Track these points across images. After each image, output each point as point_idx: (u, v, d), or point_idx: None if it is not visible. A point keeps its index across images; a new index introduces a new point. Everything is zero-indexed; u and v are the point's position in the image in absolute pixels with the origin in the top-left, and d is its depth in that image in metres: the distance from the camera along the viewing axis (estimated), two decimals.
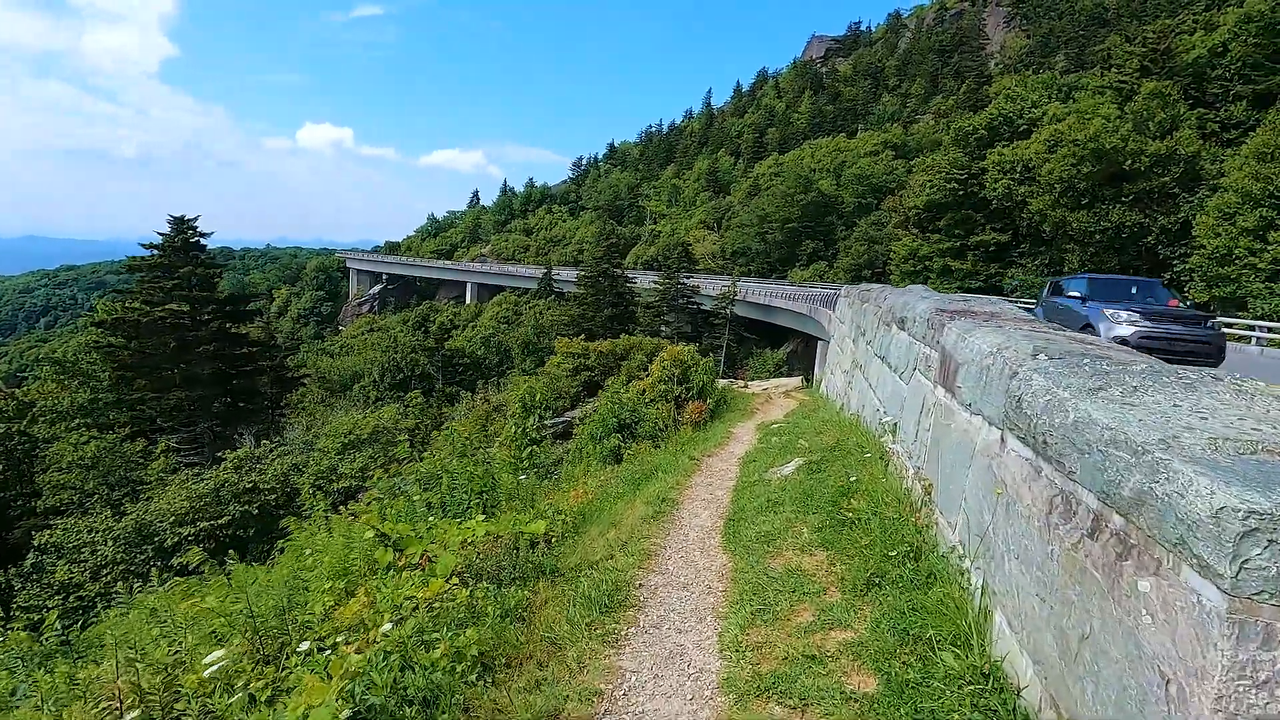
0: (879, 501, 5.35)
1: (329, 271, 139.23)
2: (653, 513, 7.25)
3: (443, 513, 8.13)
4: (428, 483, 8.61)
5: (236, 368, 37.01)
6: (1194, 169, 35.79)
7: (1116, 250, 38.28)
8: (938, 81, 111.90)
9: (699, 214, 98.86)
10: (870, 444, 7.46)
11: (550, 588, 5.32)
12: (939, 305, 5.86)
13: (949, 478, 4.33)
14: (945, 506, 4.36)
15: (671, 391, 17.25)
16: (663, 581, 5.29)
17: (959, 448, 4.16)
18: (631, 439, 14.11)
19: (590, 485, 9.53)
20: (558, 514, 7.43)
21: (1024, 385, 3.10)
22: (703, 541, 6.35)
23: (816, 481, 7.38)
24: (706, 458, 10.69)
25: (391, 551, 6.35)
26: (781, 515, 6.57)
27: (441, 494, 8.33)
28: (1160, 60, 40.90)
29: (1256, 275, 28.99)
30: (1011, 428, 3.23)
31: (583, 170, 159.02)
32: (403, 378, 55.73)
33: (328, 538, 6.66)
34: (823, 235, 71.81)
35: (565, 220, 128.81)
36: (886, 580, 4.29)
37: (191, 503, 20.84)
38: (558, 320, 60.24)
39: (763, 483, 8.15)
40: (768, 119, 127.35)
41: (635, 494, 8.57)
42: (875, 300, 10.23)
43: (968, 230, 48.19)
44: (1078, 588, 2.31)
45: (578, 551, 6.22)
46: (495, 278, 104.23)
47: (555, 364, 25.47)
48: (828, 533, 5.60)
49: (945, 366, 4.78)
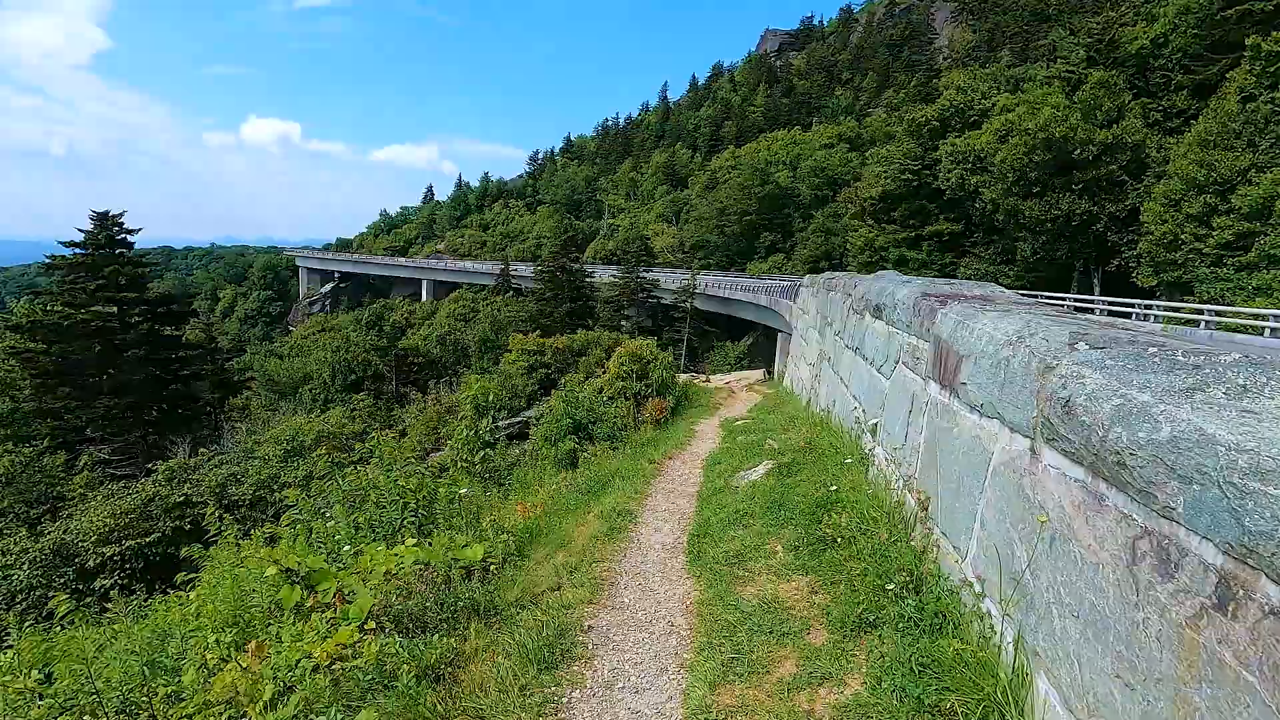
0: (864, 516, 4.64)
1: (277, 270, 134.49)
2: (608, 529, 6.44)
3: (371, 535, 7.19)
4: (354, 501, 7.64)
5: (172, 372, 34.91)
6: (1140, 157, 36.49)
7: (1067, 238, 38.88)
8: (889, 75, 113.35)
9: (657, 208, 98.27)
10: (847, 445, 6.78)
11: (484, 631, 4.47)
12: (924, 290, 5.17)
13: (954, 493, 3.62)
14: (949, 527, 3.65)
15: (630, 388, 16.46)
16: (617, 620, 4.48)
17: (967, 457, 3.45)
18: (589, 441, 13.26)
19: (541, 496, 8.67)
20: (501, 534, 6.57)
21: (1072, 385, 2.37)
22: (664, 563, 5.57)
23: (788, 488, 6.67)
24: (668, 460, 9.92)
25: (299, 589, 5.41)
26: (752, 529, 5.83)
27: (369, 513, 7.37)
28: (1105, 51, 41.64)
29: (1202, 260, 29.58)
30: (1052, 439, 2.51)
31: (539, 164, 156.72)
32: (354, 379, 53.66)
33: (225, 572, 5.67)
34: (780, 227, 71.94)
35: (522, 215, 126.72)
36: (883, 619, 3.56)
37: (116, 519, 19.22)
38: (515, 316, 58.86)
39: (729, 490, 7.41)
40: (724, 112, 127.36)
41: (590, 506, 7.75)
42: (844, 288, 9.59)
43: (922, 220, 48.57)
44: (1208, 688, 1.59)
45: (520, 581, 5.38)
46: (451, 274, 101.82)
47: (510, 361, 24.41)
48: (806, 553, 4.87)
49: (942, 360, 4.08)
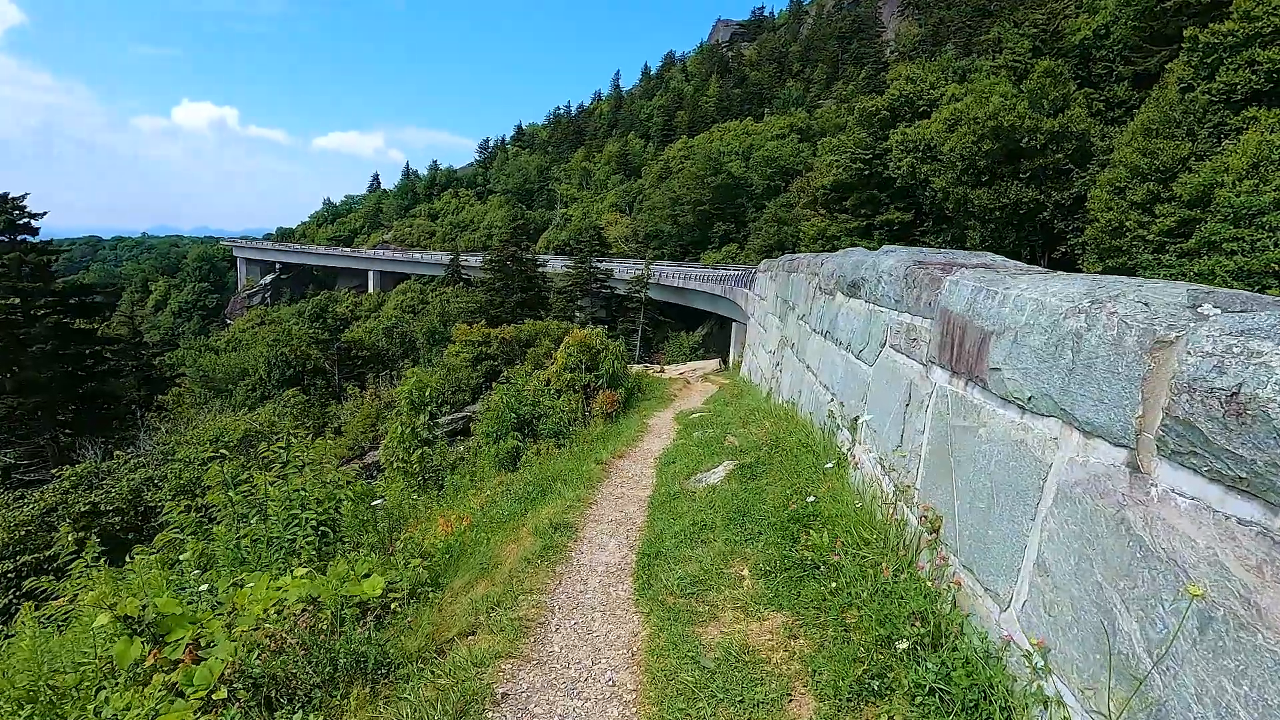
0: (853, 536, 3.74)
1: (214, 262, 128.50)
2: (542, 548, 5.42)
3: (258, 561, 6.01)
4: (245, 517, 6.43)
5: (87, 369, 32.28)
6: (1085, 146, 37.03)
7: (1015, 226, 39.30)
8: (839, 67, 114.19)
9: (610, 197, 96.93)
10: (819, 442, 5.90)
11: (368, 703, 3.41)
12: (916, 258, 4.29)
13: (983, 516, 2.72)
14: (977, 561, 2.75)
15: (579, 380, 15.40)
16: (542, 680, 3.47)
17: (1006, 469, 2.56)
18: (533, 438, 12.18)
19: (472, 505, 7.58)
20: (415, 557, 5.47)
21: (1239, 368, 1.47)
22: (607, 593, 4.58)
23: (754, 494, 5.77)
24: (617, 460, 8.94)
25: (138, 643, 4.26)
26: (712, 547, 4.90)
27: (265, 531, 6.20)
28: (1050, 41, 42.18)
29: (1145, 247, 30.05)
30: (1185, 454, 1.61)
31: (490, 153, 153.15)
32: (293, 373, 50.98)
33: (29, 624, 4.43)
34: (733, 217, 71.64)
35: (473, 204, 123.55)
36: (893, 686, 2.65)
37: (10, 532, 17.28)
38: (465, 308, 56.87)
39: (685, 495, 6.47)
40: (676, 102, 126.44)
41: (526, 516, 6.71)
42: (808, 268, 8.74)
43: (873, 209, 48.67)
44: None
45: (427, 623, 4.31)
46: (399, 265, 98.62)
47: (454, 353, 23.00)
48: (781, 582, 3.95)
49: (954, 340, 3.19)
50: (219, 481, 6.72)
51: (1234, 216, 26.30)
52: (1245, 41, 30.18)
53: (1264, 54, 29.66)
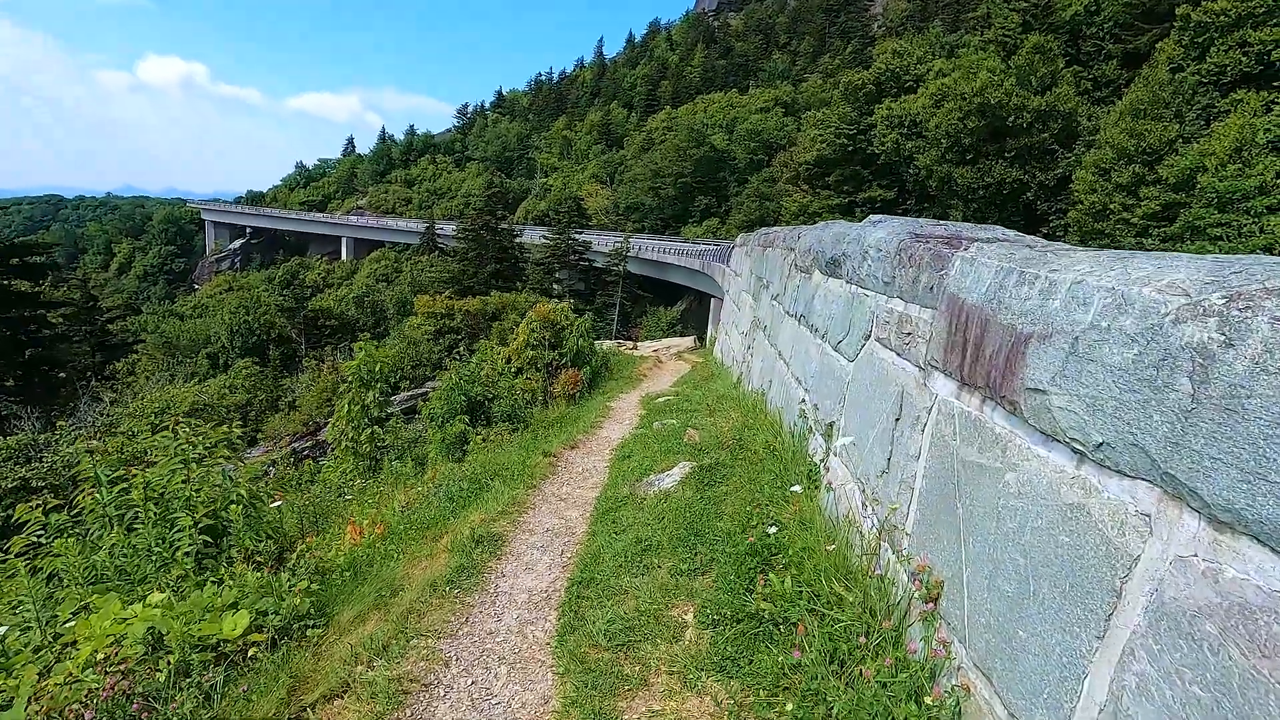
0: (824, 588, 2.89)
1: (181, 224, 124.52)
2: (456, 568, 4.54)
3: (119, 578, 5.07)
4: (107, 526, 5.46)
5: (29, 333, 30.56)
6: (1071, 126, 36.35)
7: (998, 206, 38.70)
8: (826, 40, 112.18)
9: (591, 168, 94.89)
10: (788, 448, 5.05)
11: None
12: (912, 230, 3.40)
13: (1011, 606, 1.87)
14: (1003, 671, 1.90)
15: (542, 358, 14.47)
16: None
17: (1053, 543, 1.71)
18: (486, 422, 11.26)
19: (395, 504, 6.66)
20: (306, 577, 4.56)
21: None
22: (523, 634, 3.72)
23: (710, 506, 4.93)
24: (568, 450, 8.06)
25: None
26: (655, 576, 4.05)
27: (113, 543, 5.26)
28: (1041, 16, 41.23)
29: (1129, 230, 29.59)
30: None
31: (469, 119, 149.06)
32: (256, 341, 49.29)
33: None
34: (715, 191, 70.39)
35: (451, 171, 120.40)
36: None
37: None
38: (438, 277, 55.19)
39: (634, 501, 5.62)
40: (660, 71, 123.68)
41: (452, 521, 5.82)
42: (784, 242, 7.84)
43: (856, 186, 47.79)
44: None
45: (288, 678, 3.42)
46: (373, 232, 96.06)
47: (415, 325, 21.85)
48: (730, 638, 3.12)
49: (968, 341, 2.32)
50: (89, 478, 5.73)
51: (1219, 201, 25.84)
52: (1238, 21, 29.53)
53: (1255, 35, 29.04)
